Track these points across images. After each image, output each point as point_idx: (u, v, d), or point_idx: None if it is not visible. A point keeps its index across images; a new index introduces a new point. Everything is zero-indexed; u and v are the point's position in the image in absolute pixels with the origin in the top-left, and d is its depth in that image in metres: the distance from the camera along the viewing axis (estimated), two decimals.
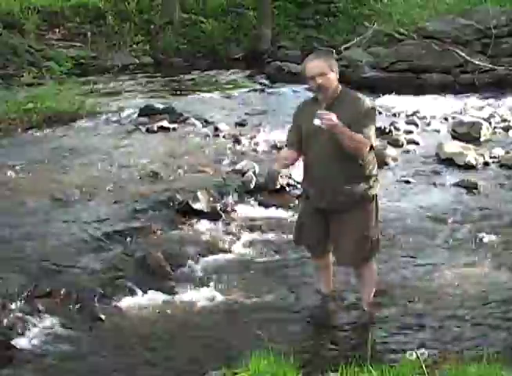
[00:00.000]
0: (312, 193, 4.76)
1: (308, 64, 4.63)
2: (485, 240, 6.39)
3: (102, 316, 5.03)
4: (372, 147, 4.64)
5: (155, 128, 10.52)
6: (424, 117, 11.22)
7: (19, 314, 4.93)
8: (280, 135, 9.51)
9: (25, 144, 9.74)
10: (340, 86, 4.69)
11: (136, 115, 11.53)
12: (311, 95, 4.92)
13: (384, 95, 12.46)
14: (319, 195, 4.68)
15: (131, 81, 15.26)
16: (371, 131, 4.55)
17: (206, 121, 11.03)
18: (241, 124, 10.89)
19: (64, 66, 13.71)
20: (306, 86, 4.47)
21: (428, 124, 10.90)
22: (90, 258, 5.89)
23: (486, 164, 8.73)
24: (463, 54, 13.94)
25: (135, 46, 17.81)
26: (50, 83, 12.56)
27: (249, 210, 7.22)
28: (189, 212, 6.89)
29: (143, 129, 10.60)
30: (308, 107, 4.72)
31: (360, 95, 4.71)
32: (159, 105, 11.91)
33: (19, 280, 5.35)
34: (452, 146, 9.08)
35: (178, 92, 14.21)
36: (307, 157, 4.76)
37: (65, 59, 15.30)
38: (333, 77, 4.61)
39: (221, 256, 6.13)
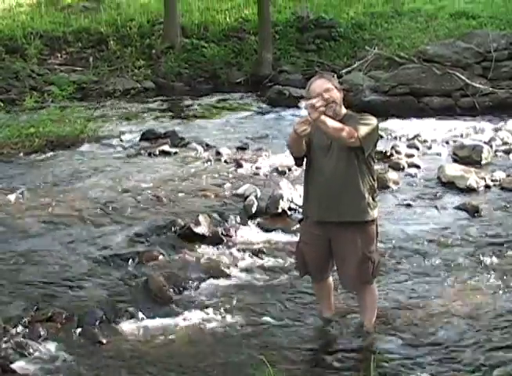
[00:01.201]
0: (315, 208, 4.77)
1: (313, 84, 4.72)
2: (487, 263, 6.41)
3: (104, 340, 5.04)
4: (373, 171, 4.71)
5: (157, 152, 10.58)
6: (425, 141, 11.26)
7: (21, 338, 4.93)
8: (282, 159, 9.58)
9: (27, 168, 9.80)
10: (344, 109, 4.76)
11: (138, 139, 11.62)
12: None
13: (385, 118, 12.47)
14: (323, 209, 4.71)
15: (133, 106, 15.35)
16: (365, 132, 4.55)
17: (207, 145, 11.08)
18: (242, 148, 10.93)
19: (66, 90, 13.75)
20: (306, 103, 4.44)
21: (429, 148, 10.94)
22: (91, 282, 5.91)
23: (487, 187, 8.75)
24: (464, 77, 14.02)
25: (136, 71, 17.90)
26: (52, 107, 12.63)
27: (250, 234, 7.24)
28: (190, 236, 6.91)
29: (145, 153, 10.65)
30: None
31: (367, 114, 4.79)
32: (161, 129, 12.00)
33: (20, 303, 5.37)
34: (454, 170, 9.10)
35: (180, 116, 14.29)
36: (311, 172, 4.79)
37: (67, 84, 15.35)
38: (339, 95, 4.69)
39: (222, 280, 6.14)
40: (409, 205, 8.17)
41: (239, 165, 9.75)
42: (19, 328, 5.05)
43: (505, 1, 20.00)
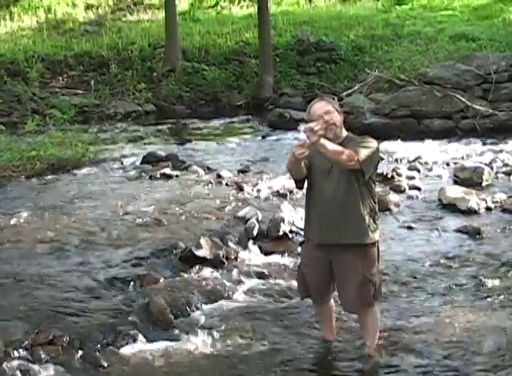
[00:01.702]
0: (316, 231, 4.79)
1: (313, 106, 4.76)
2: (489, 285, 6.41)
3: (105, 364, 5.03)
4: (374, 194, 4.74)
5: (158, 175, 10.62)
6: (426, 163, 11.31)
7: (22, 361, 4.92)
8: (283, 182, 9.61)
9: (28, 191, 9.82)
10: (345, 131, 4.79)
11: (139, 162, 11.67)
12: None
13: (385, 141, 12.51)
14: (323, 231, 4.72)
15: (134, 129, 15.43)
16: (365, 155, 4.57)
17: (208, 168, 11.13)
18: (243, 172, 10.97)
19: (67, 113, 13.86)
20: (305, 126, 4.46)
21: (430, 170, 10.98)
22: (93, 305, 5.91)
23: (488, 209, 8.77)
24: (464, 99, 14.10)
25: (137, 94, 18.01)
26: (53, 130, 12.70)
27: (252, 257, 7.25)
28: (191, 259, 6.91)
29: (146, 176, 10.69)
30: None
31: (368, 136, 4.82)
32: (162, 152, 12.04)
33: (21, 326, 5.35)
34: (455, 192, 9.12)
35: (181, 139, 14.35)
36: (312, 195, 4.81)
37: (68, 107, 15.48)
38: (339, 117, 4.72)
39: (224, 303, 6.14)
40: (410, 227, 8.19)
41: (240, 188, 9.77)
42: (21, 351, 5.04)
43: (504, 23, 20.17)
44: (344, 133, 4.79)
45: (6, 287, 6.23)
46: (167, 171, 10.81)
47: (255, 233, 7.71)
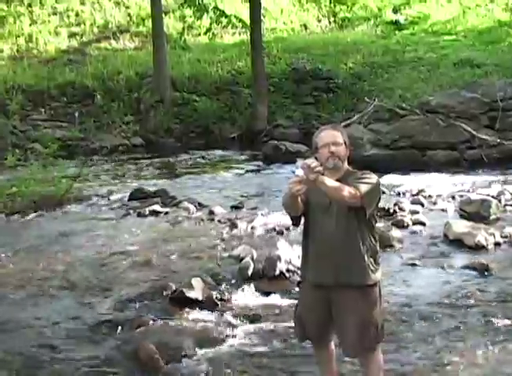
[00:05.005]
0: (313, 270, 4.80)
1: (323, 132, 4.78)
2: (499, 325, 6.41)
3: None
4: (375, 232, 4.76)
5: (146, 213, 10.66)
6: (430, 196, 11.36)
7: None
8: (279, 219, 9.64)
9: (8, 230, 9.84)
10: (346, 166, 4.82)
11: (126, 199, 11.73)
12: None
13: (387, 174, 12.55)
14: (320, 271, 4.73)
15: (121, 164, 15.51)
16: (367, 191, 4.58)
17: (200, 205, 11.17)
18: (237, 207, 11.02)
19: (50, 147, 13.89)
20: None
21: (435, 204, 11.03)
22: (77, 352, 5.90)
23: (497, 244, 8.79)
24: (470, 129, 14.21)
25: (124, 126, 18.11)
26: (35, 166, 12.73)
27: (247, 298, 7.24)
28: (182, 301, 6.91)
29: (134, 214, 10.73)
30: None
31: (368, 172, 4.84)
32: (150, 188, 12.12)
33: (1, 375, 5.35)
34: (461, 226, 9.16)
35: (171, 174, 14.42)
36: (310, 232, 4.83)
37: (51, 141, 15.49)
38: (346, 152, 4.76)
39: (217, 348, 6.12)
40: (414, 265, 8.21)
41: (234, 225, 9.80)
42: None
43: (511, 48, 20.39)
44: (346, 167, 4.82)
45: None
46: (157, 207, 10.86)
47: (250, 272, 7.73)
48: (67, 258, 8.52)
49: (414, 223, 9.82)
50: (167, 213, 10.71)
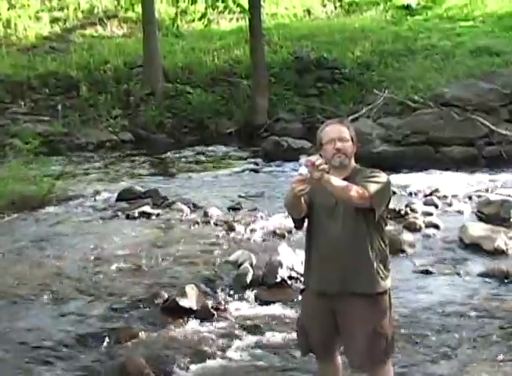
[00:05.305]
0: (317, 277, 4.80)
1: (328, 126, 4.77)
2: None
3: None
4: (384, 235, 4.76)
5: (136, 214, 10.67)
6: (445, 197, 11.36)
7: None
8: (280, 221, 9.65)
9: None
10: (353, 163, 4.82)
11: (114, 199, 11.73)
12: None
13: (398, 172, 12.57)
14: (325, 278, 4.73)
15: (108, 161, 15.51)
16: (376, 191, 4.57)
17: (194, 206, 11.17)
18: (235, 209, 11.02)
19: (31, 143, 13.91)
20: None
21: (450, 205, 11.04)
22: (62, 365, 5.90)
23: None
24: (488, 123, 14.21)
25: (112, 121, 18.12)
26: (14, 163, 12.74)
27: (245, 307, 7.26)
28: (175, 310, 6.92)
29: (122, 216, 10.74)
30: None
31: (377, 170, 4.83)
32: (140, 188, 12.12)
33: None
34: (479, 229, 9.16)
35: (162, 173, 14.43)
36: (313, 235, 4.83)
37: (31, 136, 15.51)
38: (353, 148, 4.75)
39: (213, 362, 6.12)
40: (427, 272, 8.21)
41: (231, 228, 9.81)
42: None
43: None
44: (353, 165, 4.82)
45: None
46: (147, 209, 10.87)
47: (249, 279, 7.74)
48: (49, 263, 8.52)
49: (427, 226, 9.82)
50: (158, 215, 10.72)
